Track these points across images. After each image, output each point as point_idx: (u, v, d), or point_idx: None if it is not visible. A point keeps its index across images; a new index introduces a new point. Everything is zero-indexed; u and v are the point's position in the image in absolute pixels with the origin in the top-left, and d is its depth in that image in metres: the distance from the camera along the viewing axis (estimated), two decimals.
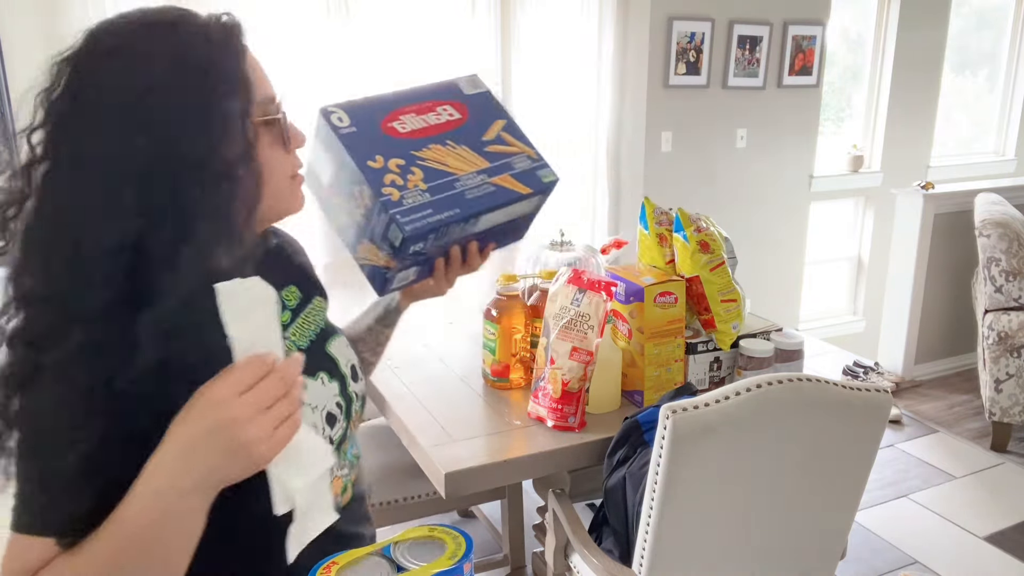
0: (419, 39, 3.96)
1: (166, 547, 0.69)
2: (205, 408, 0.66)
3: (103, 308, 0.70)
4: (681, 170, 4.51)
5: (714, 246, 1.79)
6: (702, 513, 1.38)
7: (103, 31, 0.78)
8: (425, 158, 0.98)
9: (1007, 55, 5.69)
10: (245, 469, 0.68)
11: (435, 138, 1.02)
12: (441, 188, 0.95)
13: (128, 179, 0.73)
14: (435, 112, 1.08)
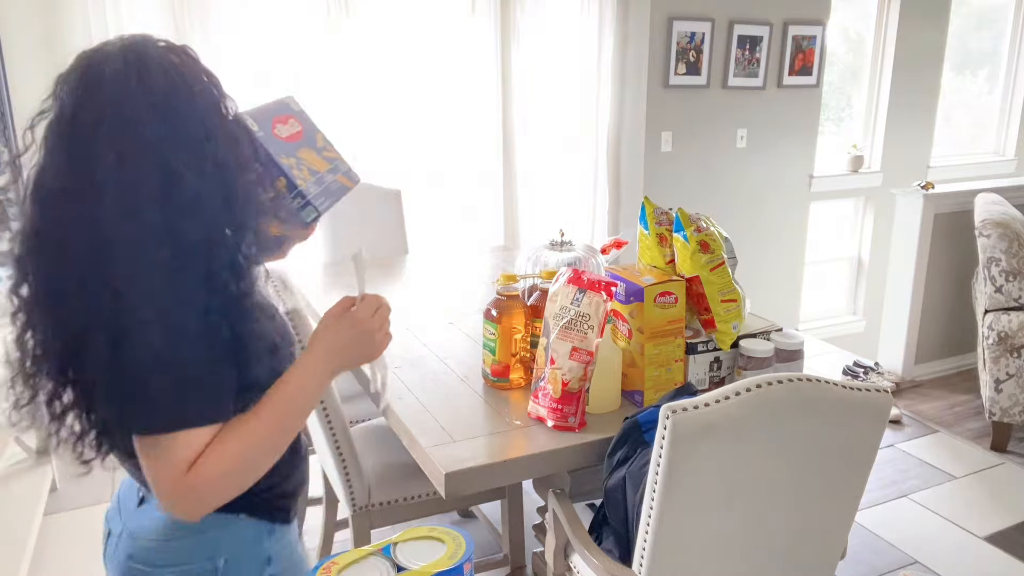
0: (419, 39, 3.96)
1: (311, 408, 1.05)
2: (352, 324, 1.09)
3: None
4: (681, 170, 4.51)
5: (714, 246, 1.79)
6: (702, 513, 1.38)
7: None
8: (303, 159, 1.27)
9: (1007, 55, 5.69)
10: (369, 359, 1.12)
11: (299, 143, 1.30)
12: (319, 183, 1.26)
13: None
14: (287, 124, 1.34)
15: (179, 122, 0.97)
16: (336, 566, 0.86)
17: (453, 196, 4.26)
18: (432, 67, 4.02)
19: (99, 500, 2.90)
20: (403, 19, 3.91)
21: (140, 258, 0.92)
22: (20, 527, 2.47)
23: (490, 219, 4.38)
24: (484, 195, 4.35)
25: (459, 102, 4.14)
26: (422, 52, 3.98)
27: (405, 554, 0.89)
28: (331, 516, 2.32)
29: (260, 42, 3.65)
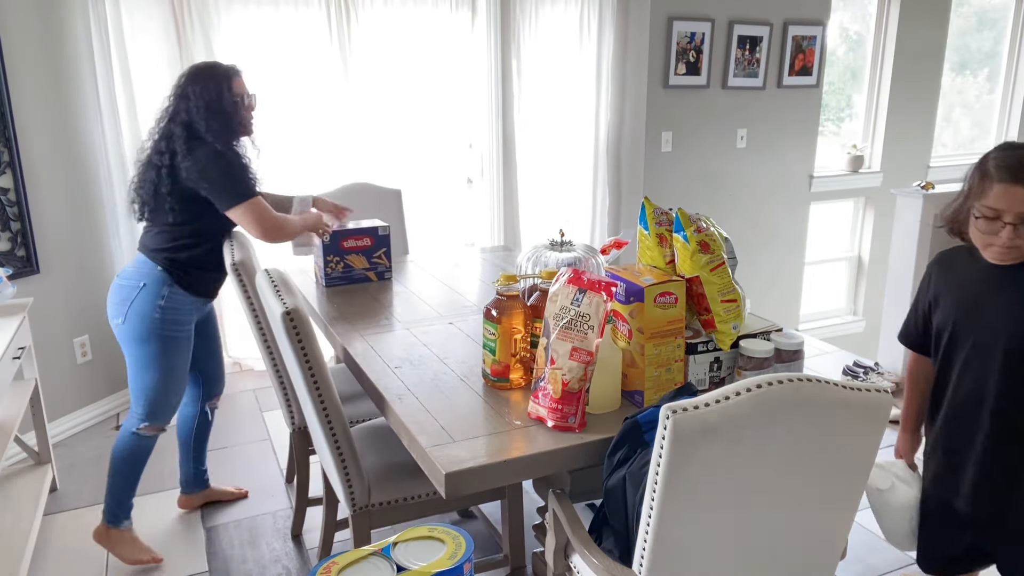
0: (420, 39, 3.96)
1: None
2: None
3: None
4: (681, 170, 4.51)
5: (714, 246, 1.79)
6: (702, 513, 1.38)
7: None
8: (350, 259, 2.70)
9: (1007, 55, 5.69)
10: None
11: (355, 252, 2.70)
12: (347, 270, 2.70)
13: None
14: (362, 239, 2.69)
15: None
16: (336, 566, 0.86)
17: (453, 196, 4.26)
18: (433, 67, 4.02)
19: (99, 500, 2.90)
20: (404, 20, 3.91)
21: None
22: (20, 527, 2.48)
23: (490, 219, 4.38)
24: (484, 195, 4.35)
25: (459, 102, 4.14)
26: (423, 52, 3.98)
27: (405, 554, 0.89)
28: (331, 516, 2.32)
29: (260, 42, 3.65)
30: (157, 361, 2.32)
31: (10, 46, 3.05)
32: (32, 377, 2.87)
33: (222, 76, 2.30)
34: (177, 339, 2.35)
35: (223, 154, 2.25)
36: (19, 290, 3.05)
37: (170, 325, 2.32)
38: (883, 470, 1.80)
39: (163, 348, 2.32)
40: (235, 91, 2.31)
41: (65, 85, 3.30)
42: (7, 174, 3.07)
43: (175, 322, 2.33)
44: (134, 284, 2.30)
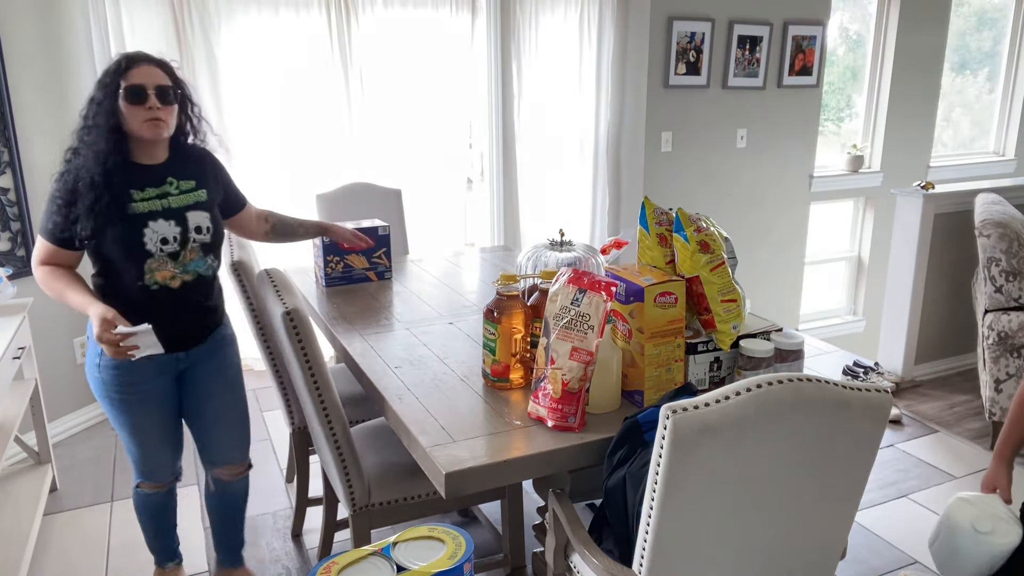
0: (420, 39, 3.96)
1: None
2: (95, 323, 1.73)
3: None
4: (681, 170, 4.51)
5: (714, 246, 1.79)
6: (702, 513, 1.38)
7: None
8: (350, 259, 2.69)
9: (1007, 55, 5.69)
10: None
11: (355, 252, 2.68)
12: (346, 270, 2.69)
13: (86, 105, 1.89)
14: (364, 241, 2.56)
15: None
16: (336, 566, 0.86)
17: (453, 196, 4.26)
18: (433, 69, 4.02)
19: (99, 500, 2.90)
20: (405, 20, 3.91)
21: None
22: (20, 527, 2.48)
23: (490, 219, 4.38)
24: (484, 195, 4.35)
25: (460, 103, 4.14)
26: (423, 54, 3.98)
27: (405, 554, 0.89)
28: (331, 516, 2.32)
29: (261, 44, 3.65)
30: (117, 422, 1.97)
31: (10, 46, 3.05)
32: (32, 377, 2.87)
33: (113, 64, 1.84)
34: (129, 402, 1.93)
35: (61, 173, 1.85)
36: (19, 290, 3.05)
37: (116, 387, 1.91)
38: (977, 508, 1.60)
39: (117, 410, 1.95)
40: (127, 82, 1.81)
41: (65, 85, 3.30)
42: (7, 174, 3.07)
43: (121, 384, 1.91)
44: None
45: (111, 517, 2.79)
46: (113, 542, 2.65)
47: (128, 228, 1.81)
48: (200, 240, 1.92)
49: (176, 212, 1.88)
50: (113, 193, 1.79)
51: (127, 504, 2.87)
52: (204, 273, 1.96)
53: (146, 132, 1.80)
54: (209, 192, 1.98)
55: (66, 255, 1.87)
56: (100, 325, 1.70)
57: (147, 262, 1.84)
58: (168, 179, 1.89)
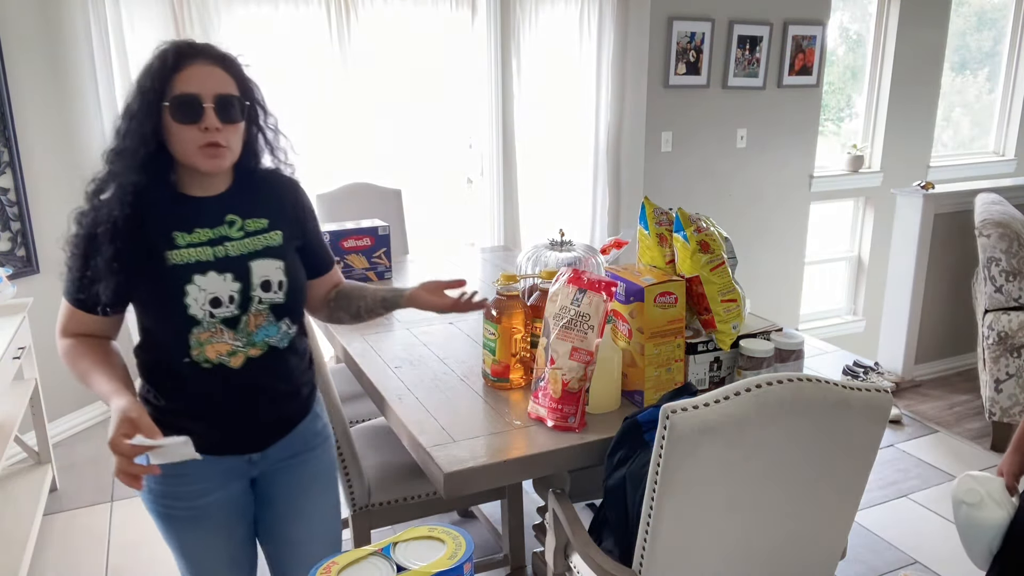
0: (420, 39, 3.95)
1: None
2: (113, 428, 1.19)
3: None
4: (681, 170, 4.51)
5: (714, 246, 1.79)
6: (702, 513, 1.38)
7: None
8: (350, 258, 2.65)
9: (1007, 55, 5.69)
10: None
11: (355, 252, 2.66)
12: (346, 269, 2.63)
13: (120, 116, 1.34)
14: (363, 239, 2.65)
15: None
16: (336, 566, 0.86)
17: (453, 196, 4.26)
18: (433, 67, 4.02)
19: (99, 500, 2.90)
20: (404, 20, 3.90)
21: None
22: (20, 527, 2.47)
23: (490, 219, 4.38)
24: (484, 195, 4.35)
25: (459, 103, 4.14)
26: (423, 52, 3.98)
27: (405, 554, 0.89)
28: None
29: (261, 44, 3.65)
30: (169, 541, 1.52)
31: (10, 46, 3.05)
32: (32, 377, 2.87)
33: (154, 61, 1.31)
34: (183, 519, 1.46)
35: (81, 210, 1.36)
36: (19, 290, 3.05)
37: (167, 498, 1.44)
38: (974, 483, 1.68)
39: (169, 528, 1.48)
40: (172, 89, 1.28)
41: (65, 85, 3.30)
42: (7, 174, 3.07)
43: (175, 495, 1.43)
44: None
45: (111, 517, 2.79)
46: (113, 542, 2.65)
47: (164, 285, 1.31)
48: (269, 300, 1.38)
49: (235, 262, 1.35)
50: (146, 237, 1.31)
51: (127, 504, 2.87)
52: (278, 345, 1.41)
53: (201, 162, 1.29)
54: (286, 235, 1.43)
55: (92, 322, 1.37)
56: (117, 427, 1.18)
57: (193, 332, 1.33)
58: (228, 217, 1.37)
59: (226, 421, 1.40)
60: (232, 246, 1.36)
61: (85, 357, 1.35)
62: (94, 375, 1.32)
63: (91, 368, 1.33)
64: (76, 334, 1.38)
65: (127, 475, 1.17)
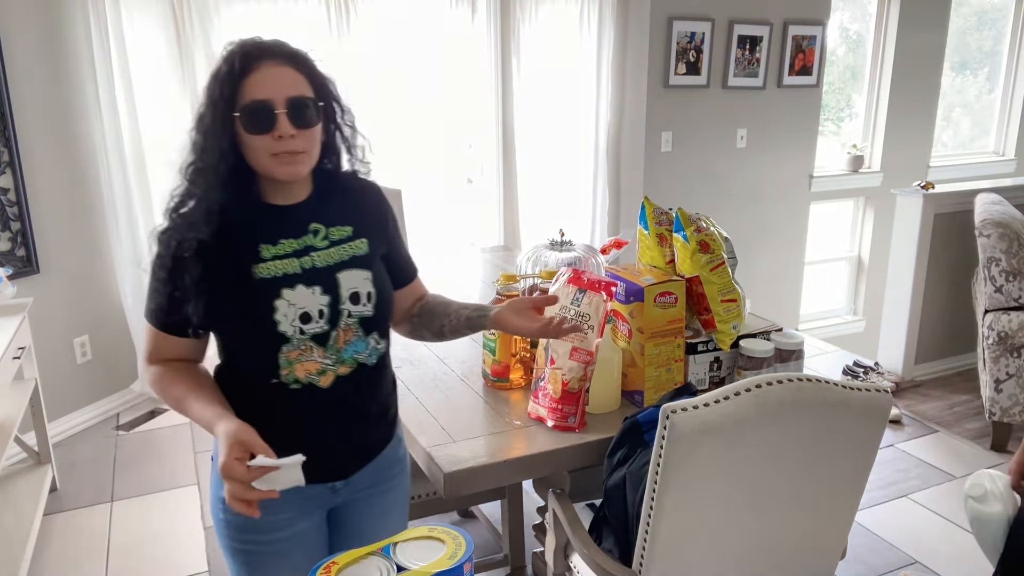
0: (419, 39, 3.95)
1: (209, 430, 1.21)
2: (221, 452, 1.13)
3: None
4: (681, 170, 4.51)
5: (714, 246, 1.79)
6: (702, 513, 1.38)
7: None
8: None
9: (1007, 55, 5.69)
10: None
11: None
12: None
13: (193, 128, 1.24)
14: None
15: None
16: (336, 566, 0.86)
17: (453, 196, 4.26)
18: (432, 67, 4.01)
19: (99, 500, 2.90)
20: (404, 18, 3.90)
21: None
22: (20, 527, 2.47)
23: (490, 219, 4.38)
24: (484, 195, 4.35)
25: (459, 102, 4.14)
26: (422, 52, 3.97)
27: (405, 554, 0.89)
28: None
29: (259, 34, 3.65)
30: None
31: (10, 46, 3.05)
32: (32, 377, 2.87)
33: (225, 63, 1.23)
34: (261, 555, 1.35)
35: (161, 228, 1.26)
36: (19, 290, 3.05)
37: (246, 533, 1.33)
38: (982, 478, 1.70)
39: (243, 566, 1.36)
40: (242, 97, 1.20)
41: (65, 85, 3.30)
42: (7, 174, 3.07)
43: (255, 529, 1.32)
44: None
45: (111, 517, 2.79)
46: (113, 542, 2.65)
47: (253, 301, 1.24)
48: (359, 314, 1.31)
49: (322, 274, 1.28)
50: (233, 252, 1.24)
51: (127, 504, 2.87)
52: (367, 361, 1.33)
53: (277, 171, 1.22)
54: (371, 243, 1.36)
55: (181, 346, 1.30)
56: (229, 450, 1.11)
57: (282, 350, 1.25)
58: (312, 225, 1.30)
59: (314, 445, 1.22)
60: (318, 256, 1.28)
61: (178, 383, 1.27)
62: (191, 401, 1.24)
63: (186, 394, 1.25)
64: (164, 360, 1.30)
65: (243, 502, 1.10)
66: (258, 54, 1.20)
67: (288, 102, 1.19)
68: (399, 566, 0.86)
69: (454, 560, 0.85)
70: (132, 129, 3.44)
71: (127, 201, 3.46)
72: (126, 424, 3.51)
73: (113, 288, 3.57)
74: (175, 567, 2.50)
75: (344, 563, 0.86)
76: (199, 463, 3.16)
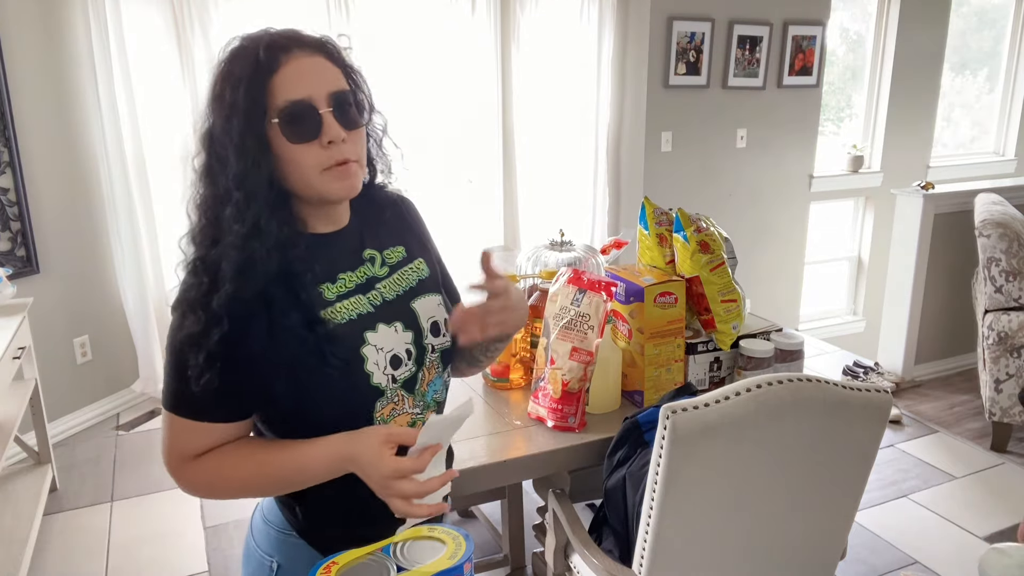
0: (419, 40, 3.95)
1: (312, 483, 0.99)
2: (378, 466, 0.93)
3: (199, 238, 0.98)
4: (681, 170, 4.51)
5: (714, 246, 1.79)
6: (702, 513, 1.38)
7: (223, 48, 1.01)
8: None
9: (1007, 55, 5.68)
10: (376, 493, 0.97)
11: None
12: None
13: (202, 171, 0.98)
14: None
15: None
16: (336, 566, 0.86)
17: (453, 196, 4.26)
18: (432, 68, 4.01)
19: (99, 500, 2.90)
20: (403, 19, 3.90)
21: None
22: (20, 527, 2.47)
23: (490, 219, 4.38)
24: (484, 195, 4.35)
25: (459, 102, 4.14)
26: (422, 53, 3.97)
27: (405, 554, 0.89)
28: None
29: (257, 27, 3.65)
30: None
31: (10, 46, 3.05)
32: (32, 377, 2.87)
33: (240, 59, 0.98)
34: None
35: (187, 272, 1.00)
36: (19, 290, 3.05)
37: None
38: (1009, 558, 1.59)
39: None
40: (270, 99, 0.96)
41: (65, 85, 3.30)
42: (7, 174, 3.07)
43: None
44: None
45: (111, 517, 2.79)
46: (113, 542, 2.65)
47: (335, 355, 0.98)
48: (441, 347, 1.11)
49: (396, 307, 1.07)
50: (293, 301, 0.98)
51: (127, 504, 2.87)
52: (441, 399, 1.15)
53: (332, 188, 0.98)
54: (427, 262, 1.18)
55: (227, 432, 1.01)
56: (379, 463, 0.93)
57: (376, 408, 1.03)
58: (366, 252, 1.08)
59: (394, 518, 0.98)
60: (384, 288, 1.06)
61: (243, 459, 0.99)
62: (274, 459, 0.98)
63: (265, 459, 0.99)
64: (203, 452, 1.00)
65: (429, 507, 0.94)
66: (285, 44, 0.96)
67: (332, 99, 0.97)
68: (399, 566, 0.86)
69: (454, 560, 0.85)
70: (132, 129, 3.44)
71: (127, 201, 3.46)
72: (126, 424, 3.51)
73: (113, 288, 3.57)
74: (175, 567, 2.50)
75: (344, 563, 0.86)
76: None
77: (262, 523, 1.13)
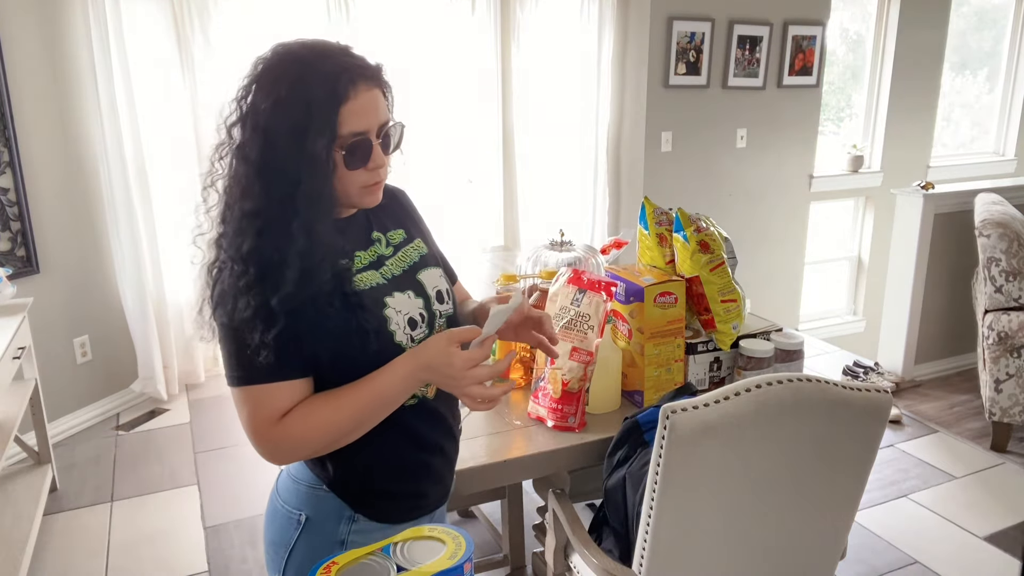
0: (419, 40, 3.96)
1: (386, 413, 1.11)
2: (449, 363, 1.07)
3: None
4: (681, 170, 4.51)
5: (714, 246, 1.79)
6: (702, 513, 1.38)
7: (268, 56, 1.10)
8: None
9: (1007, 55, 5.69)
10: (450, 392, 1.12)
11: None
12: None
13: (257, 171, 1.05)
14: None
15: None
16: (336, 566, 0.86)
17: (453, 196, 4.26)
18: (432, 68, 4.02)
19: (99, 500, 2.90)
20: (402, 19, 3.91)
21: None
22: (20, 527, 2.48)
23: (490, 219, 4.38)
24: (484, 195, 4.35)
25: (459, 102, 4.14)
26: (422, 53, 3.97)
27: (405, 554, 0.89)
28: None
29: (260, 43, 3.65)
30: None
31: (10, 46, 3.05)
32: (32, 377, 2.87)
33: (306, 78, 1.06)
34: None
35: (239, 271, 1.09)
36: (19, 290, 3.05)
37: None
38: None
39: None
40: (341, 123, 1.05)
41: (65, 85, 3.30)
42: (7, 174, 3.07)
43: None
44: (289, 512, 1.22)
45: (111, 517, 2.79)
46: (113, 542, 2.65)
47: (367, 317, 1.12)
48: (446, 313, 1.25)
49: (405, 279, 1.21)
50: (337, 281, 1.12)
51: (127, 504, 2.87)
52: None
53: (365, 200, 1.15)
54: (425, 241, 1.31)
55: (303, 388, 1.12)
56: (451, 360, 1.07)
57: None
58: (373, 234, 1.22)
59: (429, 469, 1.21)
60: (392, 264, 1.21)
61: (323, 406, 1.10)
62: (352, 396, 1.09)
63: (343, 401, 1.10)
64: (285, 413, 1.10)
65: (503, 386, 1.14)
66: (354, 76, 1.05)
67: (380, 130, 1.09)
68: (399, 566, 0.86)
69: (454, 560, 0.85)
70: (132, 129, 3.44)
71: (127, 201, 3.46)
72: (126, 424, 3.51)
73: (113, 288, 3.57)
74: (175, 567, 2.50)
75: (344, 563, 0.86)
76: (199, 463, 3.16)
77: (290, 481, 1.23)
